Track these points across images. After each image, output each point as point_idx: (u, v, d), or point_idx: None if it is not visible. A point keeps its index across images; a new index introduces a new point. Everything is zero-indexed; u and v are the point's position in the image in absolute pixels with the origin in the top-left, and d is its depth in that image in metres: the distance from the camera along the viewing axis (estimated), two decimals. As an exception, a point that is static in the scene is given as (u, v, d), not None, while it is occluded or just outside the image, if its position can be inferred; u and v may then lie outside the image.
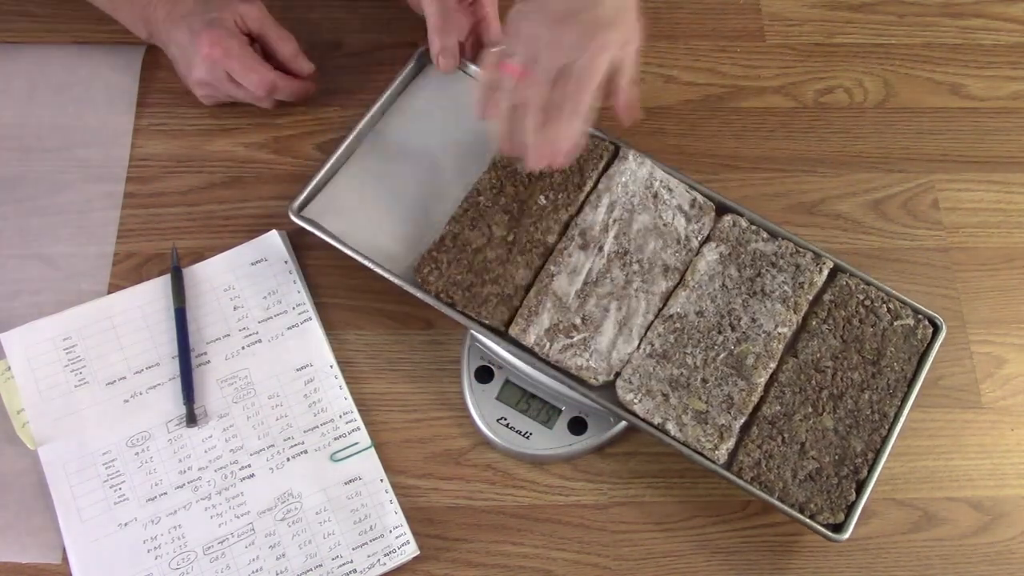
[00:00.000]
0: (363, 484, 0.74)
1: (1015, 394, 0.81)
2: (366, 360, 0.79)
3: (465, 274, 0.75)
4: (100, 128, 0.86)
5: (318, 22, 0.92)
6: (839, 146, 0.90)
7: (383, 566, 0.72)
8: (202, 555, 0.72)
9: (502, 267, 0.75)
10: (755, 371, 0.73)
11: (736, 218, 0.78)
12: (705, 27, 0.94)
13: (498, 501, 0.75)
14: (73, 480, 0.73)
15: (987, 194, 0.88)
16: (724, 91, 0.91)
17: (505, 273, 0.75)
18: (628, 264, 0.76)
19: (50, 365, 0.76)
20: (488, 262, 0.76)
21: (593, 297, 0.75)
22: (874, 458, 0.72)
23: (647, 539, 0.75)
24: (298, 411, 0.76)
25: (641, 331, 0.75)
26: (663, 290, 0.76)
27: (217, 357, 0.77)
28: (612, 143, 0.80)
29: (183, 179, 0.85)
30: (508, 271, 0.75)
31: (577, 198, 0.78)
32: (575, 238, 0.77)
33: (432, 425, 0.77)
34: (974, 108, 0.92)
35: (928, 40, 0.95)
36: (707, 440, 0.71)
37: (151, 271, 0.81)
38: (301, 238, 0.81)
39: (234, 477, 0.74)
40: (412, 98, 0.84)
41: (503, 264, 0.75)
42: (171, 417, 0.75)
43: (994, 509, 0.77)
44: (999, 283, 0.85)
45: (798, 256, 0.77)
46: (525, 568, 0.74)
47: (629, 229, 0.77)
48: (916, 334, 0.75)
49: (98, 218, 0.82)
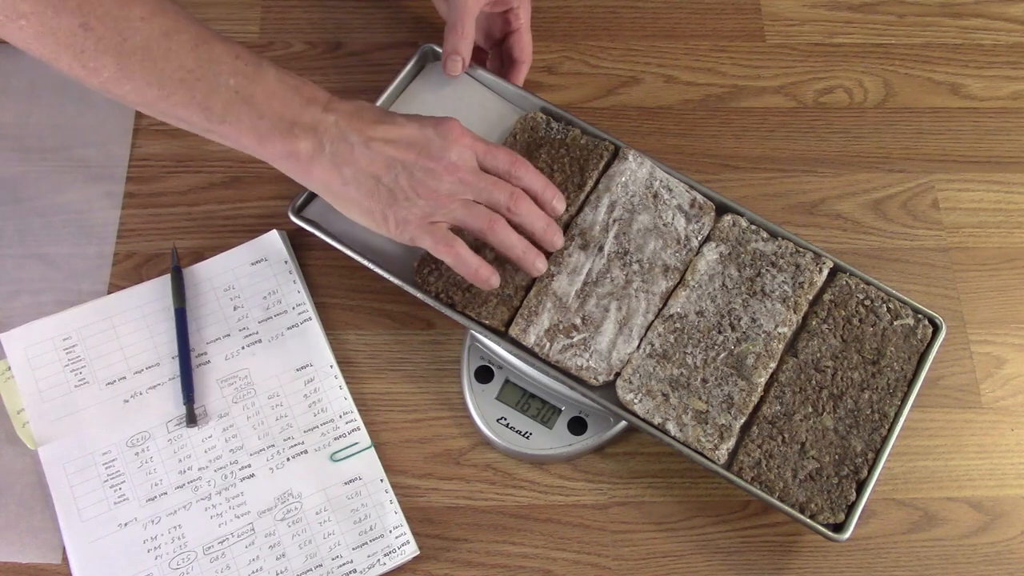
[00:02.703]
0: (363, 484, 0.74)
1: (1015, 394, 0.81)
2: (366, 360, 0.79)
3: None
4: (100, 128, 0.86)
5: (318, 22, 0.92)
6: (839, 146, 0.90)
7: (383, 566, 0.72)
8: (202, 555, 0.72)
9: (501, 267, 0.75)
10: (755, 371, 0.73)
11: (736, 218, 0.78)
12: (705, 27, 0.94)
13: (498, 501, 0.75)
14: (73, 480, 0.73)
15: (987, 194, 0.88)
16: (724, 91, 0.92)
17: (504, 273, 0.75)
18: (628, 264, 0.76)
19: (50, 365, 0.76)
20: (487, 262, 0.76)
21: (593, 297, 0.75)
22: (874, 458, 0.72)
23: (647, 539, 0.75)
24: (298, 411, 0.76)
25: (641, 331, 0.75)
26: (663, 290, 0.76)
27: (217, 357, 0.77)
28: (613, 143, 0.80)
29: (183, 179, 0.85)
30: (508, 271, 0.75)
31: (577, 198, 0.78)
32: (575, 238, 0.77)
33: (432, 425, 0.77)
34: (974, 108, 0.92)
35: (928, 40, 0.95)
36: (707, 440, 0.71)
37: (151, 271, 0.81)
38: (301, 238, 0.81)
39: (234, 477, 0.74)
40: (412, 98, 0.84)
41: (503, 264, 0.75)
42: (171, 417, 0.75)
43: (994, 509, 0.77)
44: (999, 283, 0.85)
45: (798, 256, 0.77)
46: (525, 568, 0.74)
47: (629, 229, 0.77)
48: (916, 334, 0.75)
49: (98, 218, 0.82)
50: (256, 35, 0.91)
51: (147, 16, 0.64)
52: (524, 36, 0.85)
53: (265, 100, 0.67)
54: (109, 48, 0.63)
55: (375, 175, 0.69)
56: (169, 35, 0.64)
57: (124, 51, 0.63)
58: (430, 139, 0.70)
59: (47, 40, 0.62)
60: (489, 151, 0.72)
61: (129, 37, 0.63)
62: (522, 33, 0.84)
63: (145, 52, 0.64)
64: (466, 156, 0.71)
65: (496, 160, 0.72)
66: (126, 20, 0.63)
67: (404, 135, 0.70)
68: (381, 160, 0.69)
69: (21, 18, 0.61)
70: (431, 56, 0.84)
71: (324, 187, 0.70)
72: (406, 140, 0.70)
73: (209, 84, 0.66)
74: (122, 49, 0.63)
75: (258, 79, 0.67)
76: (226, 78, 0.66)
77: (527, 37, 0.85)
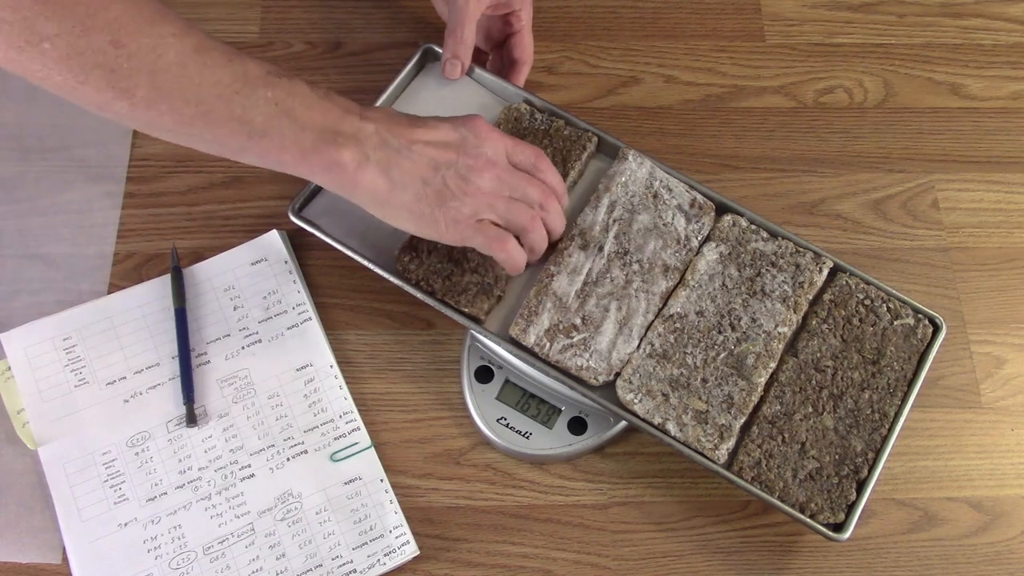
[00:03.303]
0: (363, 484, 0.74)
1: (1015, 394, 0.81)
2: (366, 360, 0.79)
3: (445, 263, 0.76)
4: (100, 128, 0.86)
5: (318, 22, 0.92)
6: (839, 146, 0.90)
7: (383, 566, 0.72)
8: (202, 555, 0.72)
9: (481, 256, 0.75)
10: (755, 371, 0.73)
11: (736, 218, 0.78)
12: (705, 27, 0.94)
13: (498, 501, 0.75)
14: (73, 480, 0.73)
15: (987, 194, 0.88)
16: (724, 91, 0.92)
17: (484, 263, 0.75)
18: (628, 264, 0.76)
19: (50, 365, 0.76)
20: (468, 251, 0.76)
21: (593, 297, 0.75)
22: (874, 458, 0.72)
23: (647, 539, 0.75)
24: (298, 411, 0.76)
25: (641, 331, 0.75)
26: (663, 290, 0.76)
27: (217, 357, 0.77)
28: (595, 134, 0.81)
29: (183, 179, 0.85)
30: (488, 261, 0.75)
31: None
32: (575, 238, 0.77)
33: (432, 425, 0.77)
34: (974, 108, 0.92)
35: (928, 40, 0.95)
36: (707, 440, 0.71)
37: (151, 271, 0.81)
38: (301, 238, 0.81)
39: (234, 477, 0.74)
40: (412, 98, 0.84)
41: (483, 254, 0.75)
42: (171, 417, 0.75)
43: (994, 509, 0.77)
44: (999, 283, 0.85)
45: (798, 256, 0.77)
46: (525, 568, 0.73)
47: (629, 229, 0.77)
48: (916, 333, 0.75)
49: (98, 218, 0.82)
50: (256, 35, 0.91)
51: (178, 33, 0.62)
52: (526, 37, 0.85)
53: (305, 112, 0.66)
54: (143, 66, 0.60)
55: (422, 178, 0.68)
56: (201, 51, 0.63)
57: (158, 68, 0.61)
58: (465, 137, 0.71)
59: (74, 62, 0.59)
60: (516, 145, 0.73)
61: (163, 54, 0.61)
62: (523, 34, 0.85)
63: (180, 68, 0.62)
64: (499, 151, 0.72)
65: (523, 154, 0.73)
66: (159, 36, 0.61)
67: (440, 136, 0.70)
68: (425, 162, 0.69)
69: (44, 41, 0.58)
70: (431, 56, 0.84)
71: (371, 195, 0.69)
72: (443, 141, 0.70)
73: (247, 98, 0.64)
74: (156, 66, 0.61)
75: (294, 92, 0.66)
76: (263, 91, 0.65)
77: (528, 38, 0.85)
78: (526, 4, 0.84)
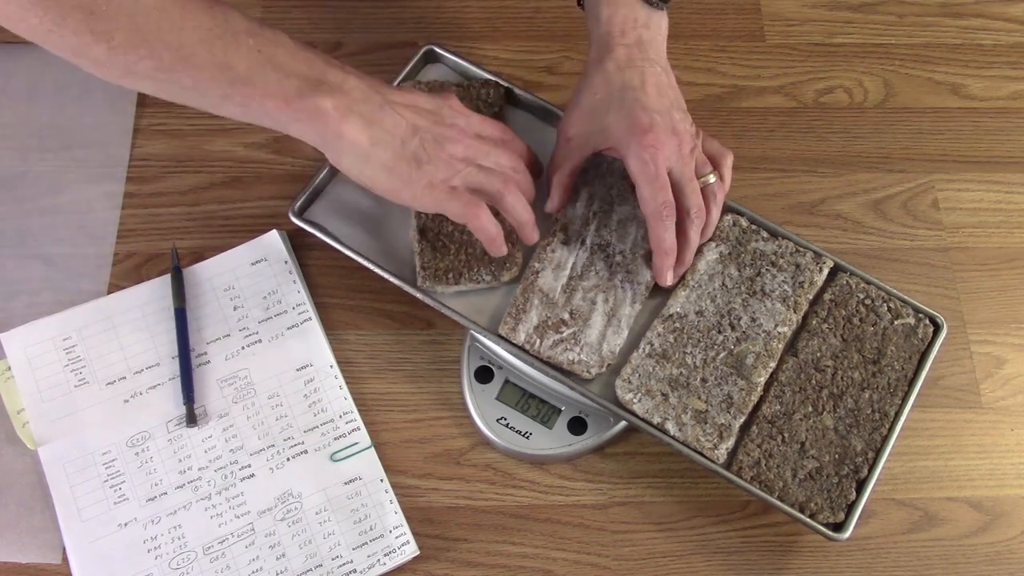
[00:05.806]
0: (363, 484, 0.74)
1: (1015, 394, 0.81)
2: (366, 360, 0.79)
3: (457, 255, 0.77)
4: (100, 128, 0.86)
5: (318, 22, 0.92)
6: (839, 146, 0.90)
7: (383, 566, 0.72)
8: (202, 555, 0.72)
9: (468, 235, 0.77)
10: (755, 370, 0.73)
11: (736, 218, 0.78)
12: (705, 27, 0.94)
13: (498, 501, 0.75)
14: (73, 480, 0.73)
15: (987, 194, 0.88)
16: (724, 91, 0.92)
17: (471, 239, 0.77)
18: (611, 256, 0.77)
19: (50, 365, 0.76)
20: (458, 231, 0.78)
21: (579, 291, 0.75)
22: (874, 457, 0.72)
23: (647, 539, 0.75)
24: (298, 411, 0.76)
25: (629, 321, 0.75)
26: (648, 279, 0.76)
27: (217, 357, 0.77)
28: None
29: (183, 179, 0.85)
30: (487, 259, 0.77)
31: None
32: (557, 233, 0.77)
33: (432, 425, 0.77)
34: (974, 108, 0.92)
35: (928, 40, 0.95)
36: (707, 440, 0.71)
37: (151, 271, 0.81)
38: (301, 238, 0.81)
39: (234, 477, 0.74)
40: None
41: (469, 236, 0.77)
42: (171, 417, 0.75)
43: (994, 509, 0.77)
44: (999, 283, 0.85)
45: (798, 255, 0.77)
46: (525, 568, 0.73)
47: (609, 220, 0.78)
48: (917, 333, 0.75)
49: (98, 218, 0.82)
50: (256, 35, 0.91)
51: None
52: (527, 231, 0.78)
53: (289, 60, 0.65)
54: (122, 8, 0.59)
55: (401, 137, 0.68)
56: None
57: (138, 10, 0.59)
58: (440, 107, 0.71)
59: (50, 3, 0.57)
60: (483, 120, 0.74)
61: None
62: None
63: (160, 12, 0.60)
64: (471, 123, 0.72)
65: (491, 129, 0.74)
66: None
67: (418, 101, 0.71)
68: (404, 123, 0.68)
69: None
70: (431, 57, 0.84)
71: (353, 148, 0.67)
72: (421, 106, 0.70)
73: (229, 44, 0.63)
74: (136, 9, 0.59)
75: (276, 41, 0.65)
76: (246, 39, 0.63)
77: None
78: None
